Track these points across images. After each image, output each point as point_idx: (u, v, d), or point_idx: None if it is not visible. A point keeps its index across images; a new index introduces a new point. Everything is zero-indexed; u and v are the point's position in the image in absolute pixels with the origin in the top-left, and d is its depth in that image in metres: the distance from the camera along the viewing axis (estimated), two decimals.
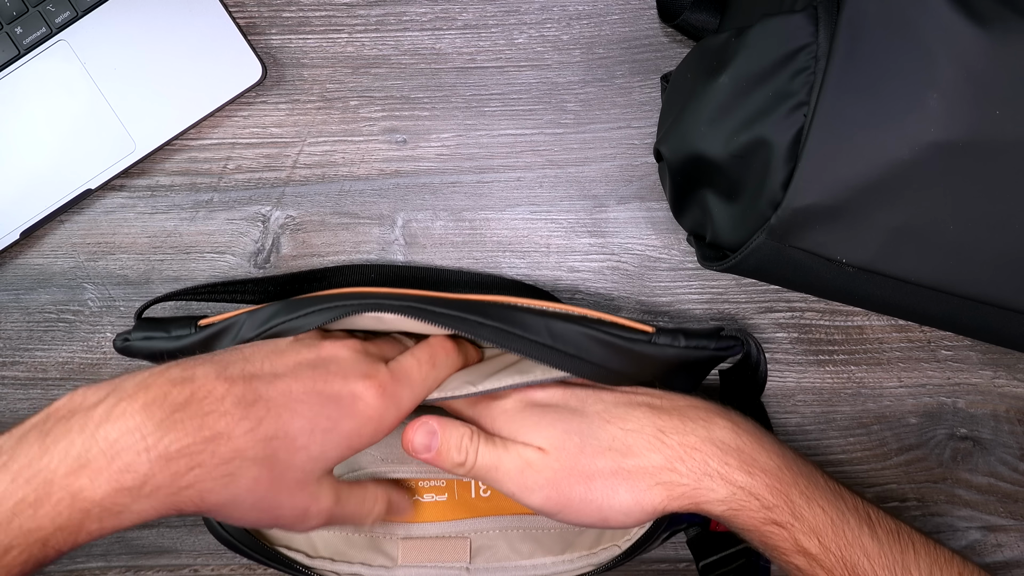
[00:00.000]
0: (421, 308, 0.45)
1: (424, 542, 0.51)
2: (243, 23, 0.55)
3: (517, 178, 0.55)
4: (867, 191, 0.39)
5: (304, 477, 0.42)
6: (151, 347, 0.47)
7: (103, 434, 0.37)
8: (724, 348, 0.46)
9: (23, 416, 0.56)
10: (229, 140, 0.55)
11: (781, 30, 0.40)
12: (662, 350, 0.45)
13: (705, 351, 0.46)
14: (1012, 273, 0.40)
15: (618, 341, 0.45)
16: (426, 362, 0.46)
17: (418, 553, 0.51)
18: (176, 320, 0.48)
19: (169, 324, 0.47)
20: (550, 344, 0.45)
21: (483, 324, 0.45)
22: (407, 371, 0.45)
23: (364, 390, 0.42)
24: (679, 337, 0.45)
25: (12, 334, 0.56)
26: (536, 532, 0.51)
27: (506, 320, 0.45)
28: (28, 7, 0.53)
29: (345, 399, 0.42)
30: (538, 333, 0.45)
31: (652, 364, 0.46)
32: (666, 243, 0.55)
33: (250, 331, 0.45)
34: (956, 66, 0.38)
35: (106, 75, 0.54)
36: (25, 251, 0.56)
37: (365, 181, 0.55)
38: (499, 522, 0.51)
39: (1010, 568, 0.56)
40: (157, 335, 0.47)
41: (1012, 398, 0.55)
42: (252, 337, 0.44)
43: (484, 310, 0.45)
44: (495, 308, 0.46)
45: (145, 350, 0.47)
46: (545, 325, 0.45)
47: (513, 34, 0.55)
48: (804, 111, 0.39)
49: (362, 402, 0.42)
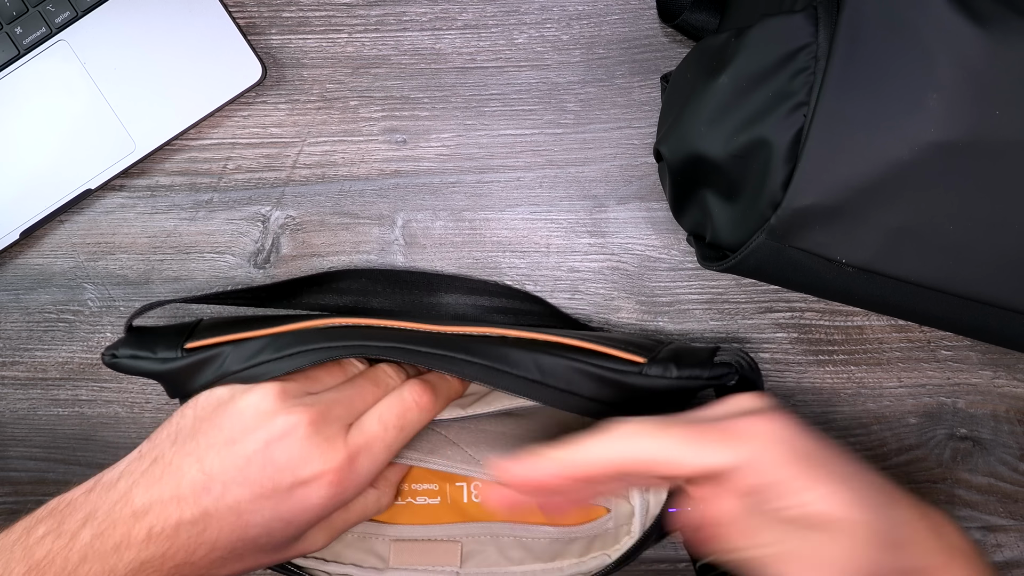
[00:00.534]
0: (405, 349, 0.44)
1: (415, 544, 0.51)
2: (243, 23, 0.55)
3: (517, 178, 0.55)
4: (867, 191, 0.39)
5: (284, 547, 0.44)
6: (138, 367, 0.47)
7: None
8: (717, 376, 0.45)
9: (23, 415, 0.56)
10: (229, 140, 0.55)
11: (781, 30, 0.40)
12: (653, 381, 0.44)
13: (698, 381, 0.45)
14: (1012, 273, 0.40)
15: (608, 374, 0.44)
16: (393, 427, 0.45)
17: (409, 556, 0.51)
18: (163, 338, 0.47)
19: (156, 343, 0.47)
20: (539, 380, 0.44)
21: (469, 363, 0.44)
22: (369, 443, 0.44)
23: (316, 488, 0.43)
24: (671, 368, 0.44)
25: (12, 334, 0.56)
26: (527, 540, 0.51)
27: (493, 357, 0.44)
28: (28, 7, 0.53)
29: (296, 497, 0.43)
30: (527, 369, 0.44)
31: (643, 395, 0.45)
32: (666, 243, 0.55)
33: (235, 364, 0.45)
34: (956, 66, 0.38)
35: (106, 75, 0.54)
36: (25, 251, 0.56)
37: (365, 181, 0.55)
38: (490, 528, 0.51)
39: (1010, 568, 0.56)
40: (144, 355, 0.47)
41: (1012, 398, 0.55)
42: (237, 370, 0.45)
43: (469, 347, 0.45)
44: (481, 344, 0.45)
45: (133, 369, 0.47)
46: (534, 360, 0.44)
47: (513, 34, 0.55)
48: (804, 111, 0.39)
49: (314, 495, 0.43)
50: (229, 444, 0.43)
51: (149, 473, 0.42)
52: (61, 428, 0.57)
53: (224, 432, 0.43)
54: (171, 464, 0.42)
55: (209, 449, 0.43)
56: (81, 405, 0.57)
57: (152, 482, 0.42)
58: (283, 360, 0.44)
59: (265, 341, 0.45)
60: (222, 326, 0.48)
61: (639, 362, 0.44)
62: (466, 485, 0.52)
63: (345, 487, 0.44)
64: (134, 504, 0.41)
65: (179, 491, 0.42)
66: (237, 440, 0.43)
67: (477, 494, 0.52)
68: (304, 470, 0.43)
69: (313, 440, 0.43)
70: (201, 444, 0.43)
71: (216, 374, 0.45)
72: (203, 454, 0.43)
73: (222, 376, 0.45)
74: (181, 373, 0.46)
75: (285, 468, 0.42)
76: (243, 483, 0.42)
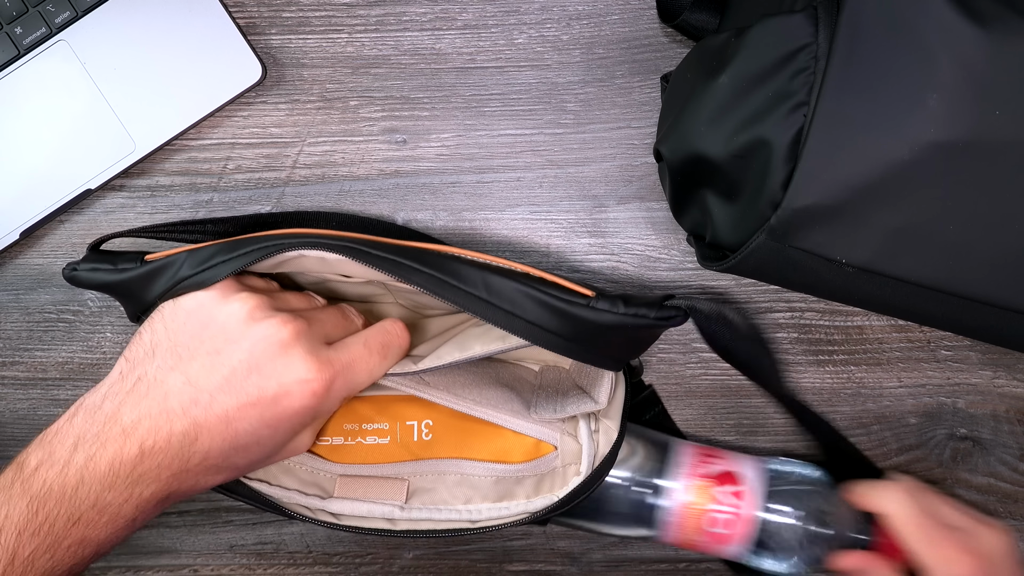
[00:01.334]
0: (358, 249, 0.45)
1: (360, 480, 0.51)
2: (243, 23, 0.55)
3: (517, 178, 0.55)
4: (867, 191, 0.39)
5: (273, 452, 0.45)
6: (97, 279, 0.47)
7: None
8: (665, 318, 0.45)
9: (23, 415, 0.56)
10: (229, 140, 0.55)
11: (781, 30, 0.40)
12: (600, 315, 0.44)
13: (644, 319, 0.44)
14: (1012, 273, 0.40)
15: (555, 302, 0.44)
16: (377, 352, 0.46)
17: (353, 488, 0.51)
18: (125, 254, 0.48)
19: (117, 257, 0.47)
20: (485, 298, 0.44)
21: (418, 271, 0.44)
22: (353, 360, 0.45)
23: (299, 397, 0.43)
24: (618, 303, 0.44)
25: (12, 334, 0.56)
26: (474, 478, 0.51)
27: (443, 269, 0.44)
28: (28, 7, 0.53)
29: (281, 404, 0.43)
30: (474, 285, 0.44)
31: (589, 328, 0.45)
32: (666, 243, 0.55)
33: (189, 269, 0.45)
34: (956, 66, 0.38)
35: (106, 75, 0.54)
36: (25, 251, 0.56)
37: (365, 181, 0.55)
38: (437, 466, 0.51)
39: None
40: (103, 267, 0.47)
41: (1012, 398, 0.55)
42: (191, 275, 0.45)
43: (422, 257, 0.45)
44: (434, 256, 0.45)
45: (91, 281, 0.47)
46: (482, 278, 0.44)
47: (513, 34, 0.55)
48: (804, 111, 0.39)
49: (297, 403, 0.43)
50: (213, 354, 0.43)
51: (135, 391, 0.42)
52: None
53: (206, 343, 0.43)
54: (155, 379, 0.43)
55: (192, 360, 0.43)
56: None
57: (139, 399, 0.42)
58: (236, 259, 0.45)
59: (219, 247, 0.45)
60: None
61: (588, 295, 0.44)
62: (416, 424, 0.52)
63: (326, 399, 0.44)
64: (123, 422, 0.41)
65: (167, 404, 0.42)
66: (221, 350, 0.43)
67: (428, 432, 0.52)
68: (288, 378, 0.43)
69: (296, 351, 0.43)
70: (183, 356, 0.43)
71: (171, 281, 0.45)
72: (187, 366, 0.43)
73: (177, 282, 0.45)
74: (137, 282, 0.46)
75: (270, 376, 0.43)
76: (230, 392, 0.42)
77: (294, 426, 0.45)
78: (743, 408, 0.56)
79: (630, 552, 0.56)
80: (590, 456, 0.49)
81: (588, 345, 0.45)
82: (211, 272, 0.45)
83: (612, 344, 0.46)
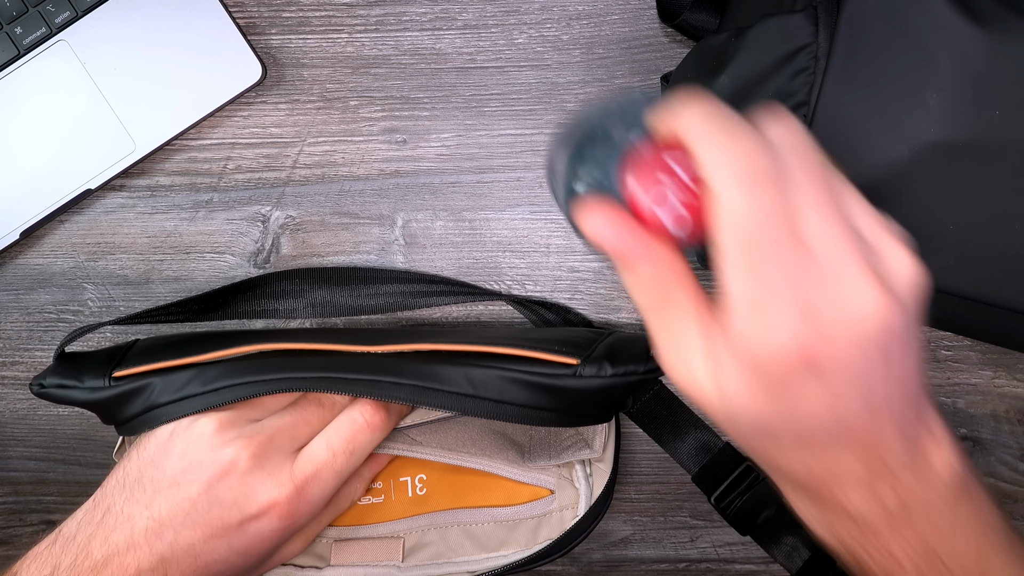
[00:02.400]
0: (331, 379, 0.44)
1: (357, 543, 0.51)
2: (243, 23, 0.55)
3: (517, 178, 0.55)
4: (867, 191, 0.39)
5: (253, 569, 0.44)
6: (68, 396, 0.46)
7: None
8: (653, 369, 0.44)
9: (23, 415, 0.56)
10: (229, 140, 0.55)
11: (781, 30, 0.40)
12: (589, 382, 0.43)
13: (634, 376, 0.44)
14: (1012, 273, 0.40)
15: (542, 380, 0.43)
16: (342, 452, 0.44)
17: (349, 554, 0.50)
18: (93, 365, 0.46)
19: (85, 370, 0.46)
20: (471, 393, 0.43)
21: (399, 384, 0.44)
22: (318, 471, 0.44)
23: (267, 521, 0.43)
24: (604, 366, 0.43)
25: (12, 334, 0.56)
26: (472, 527, 0.51)
27: (423, 376, 0.44)
28: (28, 7, 0.53)
29: (249, 531, 0.43)
30: (458, 384, 0.43)
31: (579, 397, 0.44)
32: None
33: (163, 396, 0.44)
34: (956, 66, 0.38)
35: (106, 75, 0.54)
36: (25, 251, 0.56)
37: (365, 181, 0.55)
38: (434, 519, 0.51)
39: None
40: (71, 384, 0.46)
41: (1012, 398, 0.55)
42: (165, 402, 0.44)
43: (399, 368, 0.44)
44: (412, 362, 0.44)
45: (63, 399, 0.46)
46: (464, 374, 0.44)
47: (513, 34, 0.55)
48: (804, 111, 0.39)
49: (266, 527, 0.43)
50: (173, 487, 0.42)
51: (104, 523, 0.42)
52: (61, 428, 0.57)
53: (167, 474, 0.43)
54: (122, 513, 0.42)
55: (156, 494, 0.42)
56: None
57: (108, 533, 0.42)
58: (209, 395, 0.44)
59: (193, 373, 0.45)
60: (156, 349, 0.47)
61: (572, 364, 0.43)
62: (410, 479, 0.52)
63: (296, 516, 0.43)
64: (93, 557, 0.41)
65: (133, 539, 0.41)
66: (180, 482, 0.42)
67: (422, 487, 0.52)
68: (250, 506, 0.42)
69: (255, 475, 0.42)
70: (148, 489, 0.43)
71: (144, 405, 0.44)
72: (150, 499, 0.42)
73: (150, 407, 0.44)
74: (110, 403, 0.45)
75: (232, 506, 0.42)
76: (193, 525, 0.42)
77: (268, 548, 0.44)
78: None
79: (630, 552, 0.56)
80: (587, 500, 0.49)
81: (581, 410, 0.45)
82: (186, 404, 0.44)
83: (605, 403, 0.46)
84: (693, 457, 0.54)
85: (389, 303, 0.53)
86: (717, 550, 0.56)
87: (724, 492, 0.54)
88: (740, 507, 0.53)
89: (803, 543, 0.54)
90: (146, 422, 0.44)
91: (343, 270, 0.54)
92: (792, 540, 0.54)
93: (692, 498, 0.56)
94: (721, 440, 0.54)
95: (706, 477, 0.54)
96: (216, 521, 0.42)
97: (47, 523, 0.57)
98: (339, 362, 0.45)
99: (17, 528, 0.57)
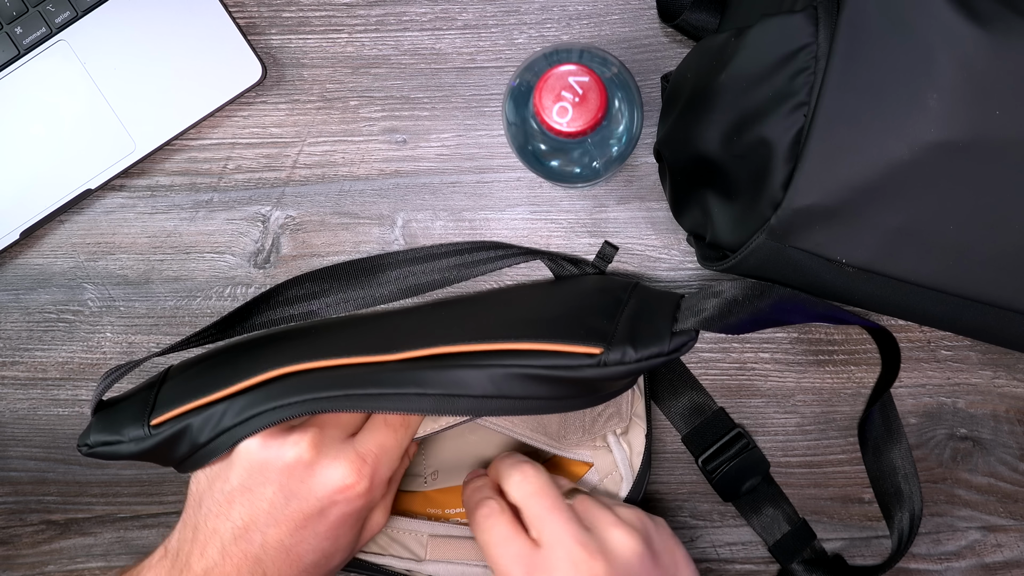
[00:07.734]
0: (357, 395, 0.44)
1: (451, 541, 0.52)
2: (243, 23, 0.55)
3: (517, 178, 0.55)
4: (867, 191, 0.39)
5: (348, 548, 0.46)
6: (117, 452, 0.47)
7: None
8: (677, 348, 0.44)
9: (23, 415, 0.56)
10: (229, 140, 0.55)
11: (781, 30, 0.40)
12: (611, 370, 0.43)
13: (659, 358, 0.43)
14: (1012, 273, 0.40)
15: (565, 373, 0.43)
16: (400, 425, 0.46)
17: (446, 550, 0.51)
18: (127, 417, 0.47)
19: (122, 424, 0.46)
20: (495, 394, 0.43)
21: (424, 395, 0.44)
22: (381, 445, 0.45)
23: (344, 503, 0.44)
24: (627, 351, 0.43)
25: (12, 334, 0.56)
26: None
27: (446, 384, 0.44)
28: (28, 7, 0.53)
29: (331, 516, 0.44)
30: (482, 387, 0.43)
31: (605, 384, 0.44)
32: (666, 243, 0.55)
33: (202, 435, 0.45)
34: (956, 66, 0.38)
35: (106, 75, 0.54)
36: (25, 251, 0.56)
37: (365, 181, 0.55)
38: None
39: (1010, 568, 0.56)
40: (114, 440, 0.46)
41: (1012, 398, 0.55)
42: (206, 441, 0.45)
43: (421, 379, 0.44)
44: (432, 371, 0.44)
45: (113, 456, 0.47)
46: (488, 376, 0.43)
47: (513, 34, 0.55)
48: (804, 111, 0.39)
49: (347, 508, 0.44)
50: (246, 492, 0.44)
51: (196, 540, 0.44)
52: (61, 428, 0.57)
53: (234, 484, 0.44)
54: (207, 527, 0.44)
55: (231, 504, 0.44)
56: (81, 405, 0.57)
57: (202, 548, 0.44)
58: (242, 425, 0.45)
59: (224, 407, 0.45)
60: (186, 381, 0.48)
61: (595, 353, 0.43)
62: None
63: (371, 492, 0.45)
64: (194, 570, 0.43)
65: (225, 549, 0.43)
66: (251, 487, 0.44)
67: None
68: (324, 490, 0.44)
69: (322, 462, 0.44)
70: (221, 501, 0.44)
71: (189, 447, 0.45)
72: (227, 510, 0.44)
73: (195, 449, 0.45)
74: (157, 451, 0.46)
75: (308, 496, 0.44)
76: (276, 523, 0.43)
77: (354, 526, 0.45)
78: (743, 408, 0.56)
79: None
80: (625, 461, 0.50)
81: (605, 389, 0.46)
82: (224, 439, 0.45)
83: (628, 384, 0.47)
84: (686, 418, 0.55)
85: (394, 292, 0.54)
86: (717, 550, 0.56)
87: (712, 456, 0.54)
88: (726, 472, 0.54)
89: (784, 517, 0.55)
90: (195, 463, 0.46)
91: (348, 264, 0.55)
92: (773, 512, 0.55)
93: (692, 498, 0.56)
94: (715, 404, 0.55)
95: (696, 439, 0.55)
96: (297, 514, 0.43)
97: (47, 523, 0.57)
98: (363, 376, 0.45)
99: (17, 528, 0.57)
